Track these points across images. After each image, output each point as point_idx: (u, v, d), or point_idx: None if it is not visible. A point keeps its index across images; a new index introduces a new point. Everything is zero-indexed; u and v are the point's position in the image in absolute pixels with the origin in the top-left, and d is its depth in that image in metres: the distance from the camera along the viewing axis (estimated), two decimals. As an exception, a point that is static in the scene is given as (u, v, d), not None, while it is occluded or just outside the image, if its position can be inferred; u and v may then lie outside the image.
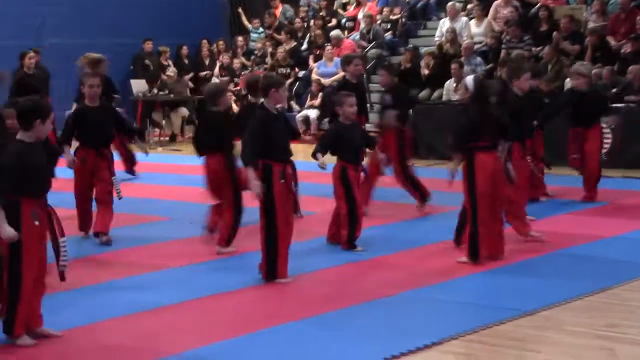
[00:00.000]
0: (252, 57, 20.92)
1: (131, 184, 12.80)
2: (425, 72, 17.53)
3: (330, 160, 8.73)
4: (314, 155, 8.62)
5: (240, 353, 5.93)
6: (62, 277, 6.29)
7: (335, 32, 19.84)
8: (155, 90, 19.64)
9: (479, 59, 16.95)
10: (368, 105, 14.00)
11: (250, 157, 7.49)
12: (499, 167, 8.17)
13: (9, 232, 5.90)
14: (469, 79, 8.30)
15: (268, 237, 7.52)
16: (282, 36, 21.18)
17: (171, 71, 20.23)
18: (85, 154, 9.20)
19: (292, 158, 7.85)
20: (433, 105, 16.41)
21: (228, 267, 8.18)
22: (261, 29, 22.14)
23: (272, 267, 7.55)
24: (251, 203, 8.06)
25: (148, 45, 20.74)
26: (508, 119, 8.34)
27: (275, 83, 7.65)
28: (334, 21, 21.32)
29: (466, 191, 8.12)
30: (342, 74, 17.59)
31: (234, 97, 19.42)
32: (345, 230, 8.75)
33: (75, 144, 9.33)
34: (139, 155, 11.91)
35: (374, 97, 17.32)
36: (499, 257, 8.23)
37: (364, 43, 19.59)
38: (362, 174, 8.93)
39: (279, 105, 7.77)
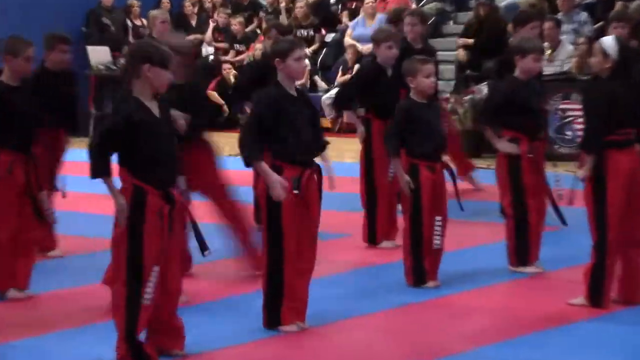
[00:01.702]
0: (260, 14, 20.82)
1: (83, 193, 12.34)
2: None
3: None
4: (391, 156, 8.95)
5: None
6: None
7: (378, -22, 19.84)
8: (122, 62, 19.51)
9: (583, 15, 17.04)
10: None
11: (252, 151, 7.54)
12: (638, 170, 8.18)
13: None
14: (609, 41, 8.11)
15: (271, 271, 7.66)
16: (302, -16, 21.11)
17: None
18: None
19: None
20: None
21: (231, 310, 8.36)
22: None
23: (275, 311, 7.69)
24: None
25: (107, -2, 20.94)
26: None
27: (278, 51, 7.70)
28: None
29: (591, 205, 8.08)
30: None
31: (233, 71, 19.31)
32: (408, 259, 8.91)
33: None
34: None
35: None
36: (636, 302, 8.21)
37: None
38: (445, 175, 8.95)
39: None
